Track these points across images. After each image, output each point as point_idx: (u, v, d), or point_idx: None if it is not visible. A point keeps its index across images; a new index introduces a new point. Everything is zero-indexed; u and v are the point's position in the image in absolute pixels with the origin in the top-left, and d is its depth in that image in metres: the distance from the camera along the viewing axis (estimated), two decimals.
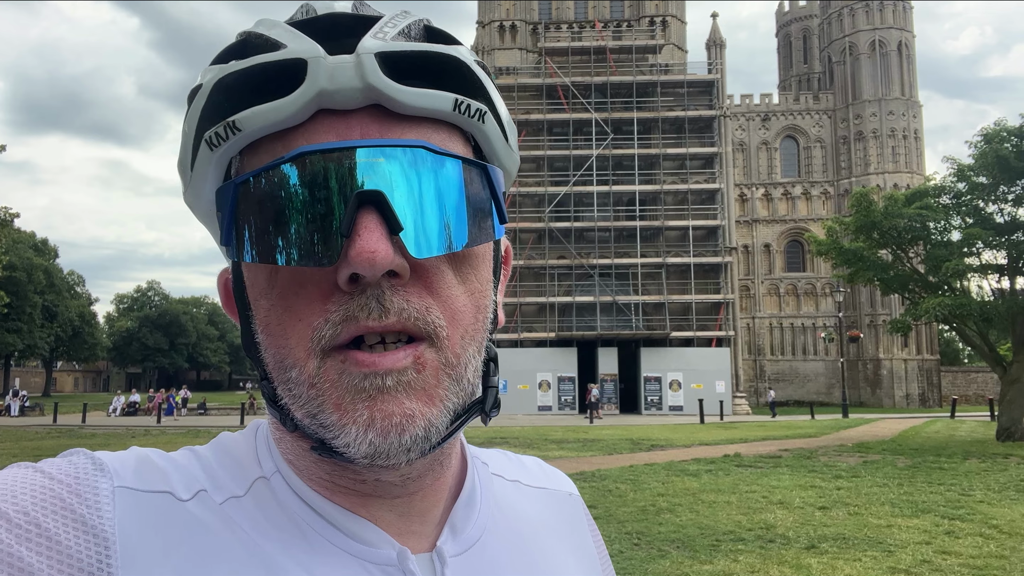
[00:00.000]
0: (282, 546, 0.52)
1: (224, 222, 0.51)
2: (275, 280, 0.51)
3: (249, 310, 0.54)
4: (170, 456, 0.57)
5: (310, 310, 0.50)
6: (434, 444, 0.51)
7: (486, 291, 0.56)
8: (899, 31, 62.19)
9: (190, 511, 0.52)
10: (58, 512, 0.48)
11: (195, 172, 0.53)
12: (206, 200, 0.55)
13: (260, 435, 0.60)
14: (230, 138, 0.50)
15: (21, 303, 60.23)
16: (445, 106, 0.51)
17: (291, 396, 0.51)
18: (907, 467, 14.78)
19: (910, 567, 7.07)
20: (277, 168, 0.48)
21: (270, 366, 0.53)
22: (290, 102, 0.49)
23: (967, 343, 24.40)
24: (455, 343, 0.52)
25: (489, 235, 0.53)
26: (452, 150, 0.52)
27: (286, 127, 0.50)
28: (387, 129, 0.50)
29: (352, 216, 0.47)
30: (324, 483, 0.55)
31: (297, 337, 0.50)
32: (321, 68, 0.48)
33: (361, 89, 0.49)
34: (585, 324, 46.89)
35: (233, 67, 0.51)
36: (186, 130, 0.54)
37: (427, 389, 0.50)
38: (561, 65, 50.74)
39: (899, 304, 42.66)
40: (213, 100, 0.51)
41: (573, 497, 0.74)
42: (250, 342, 0.54)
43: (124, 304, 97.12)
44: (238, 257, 0.51)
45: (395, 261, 0.48)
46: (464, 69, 0.53)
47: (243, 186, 0.49)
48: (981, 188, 21.77)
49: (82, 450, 0.54)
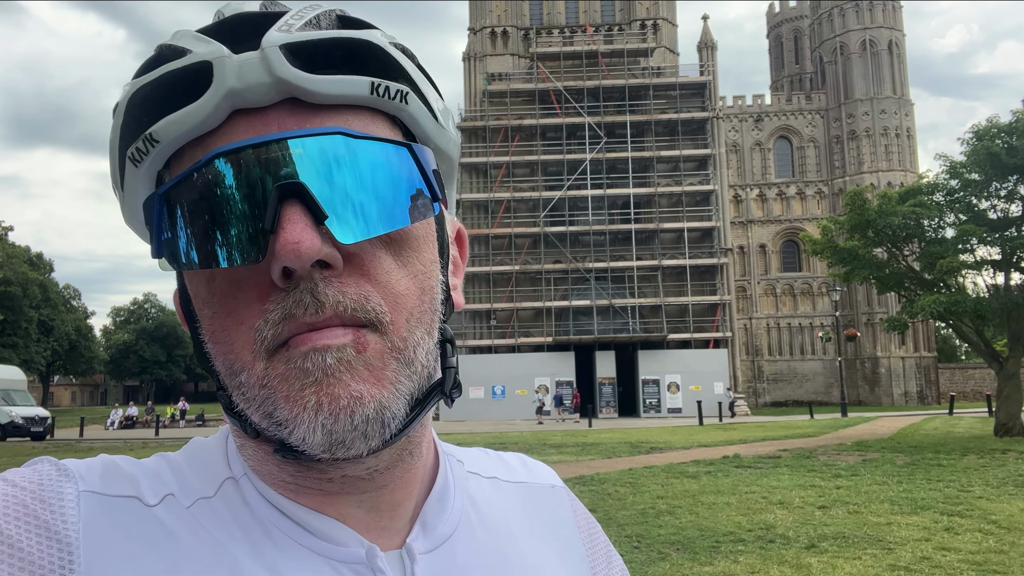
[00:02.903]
0: (249, 547, 0.52)
1: (153, 235, 0.50)
2: (214, 287, 0.51)
3: (196, 321, 0.54)
4: (140, 462, 0.57)
5: (250, 312, 0.49)
6: (395, 431, 0.51)
7: (431, 272, 0.55)
8: (889, 30, 62.51)
9: (156, 516, 0.51)
10: (20, 518, 0.48)
11: (126, 190, 0.53)
12: (140, 218, 0.54)
13: (232, 438, 0.60)
14: (150, 151, 0.50)
15: (17, 318, 59.96)
16: (362, 91, 0.51)
17: (245, 400, 0.51)
18: (906, 465, 14.78)
19: (910, 564, 7.06)
20: (196, 173, 0.48)
21: (222, 374, 0.52)
22: (200, 106, 0.48)
23: (964, 340, 24.44)
24: (400, 327, 0.51)
25: (423, 214, 0.52)
26: (376, 134, 0.51)
27: (204, 131, 0.49)
28: (305, 120, 0.50)
29: (275, 210, 0.46)
30: (289, 486, 0.55)
31: (242, 341, 0.50)
32: (227, 67, 0.48)
33: (271, 84, 0.48)
34: (582, 328, 46.91)
35: (143, 80, 0.50)
36: (111, 148, 0.53)
37: (372, 370, 0.49)
38: (553, 70, 50.88)
39: (895, 302, 42.73)
40: (130, 115, 0.51)
41: (556, 489, 0.72)
42: (201, 353, 0.54)
43: (120, 317, 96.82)
44: (174, 268, 0.51)
45: (323, 250, 0.47)
46: (379, 52, 0.52)
47: (165, 196, 0.49)
48: (974, 185, 21.82)
49: (48, 458, 0.54)
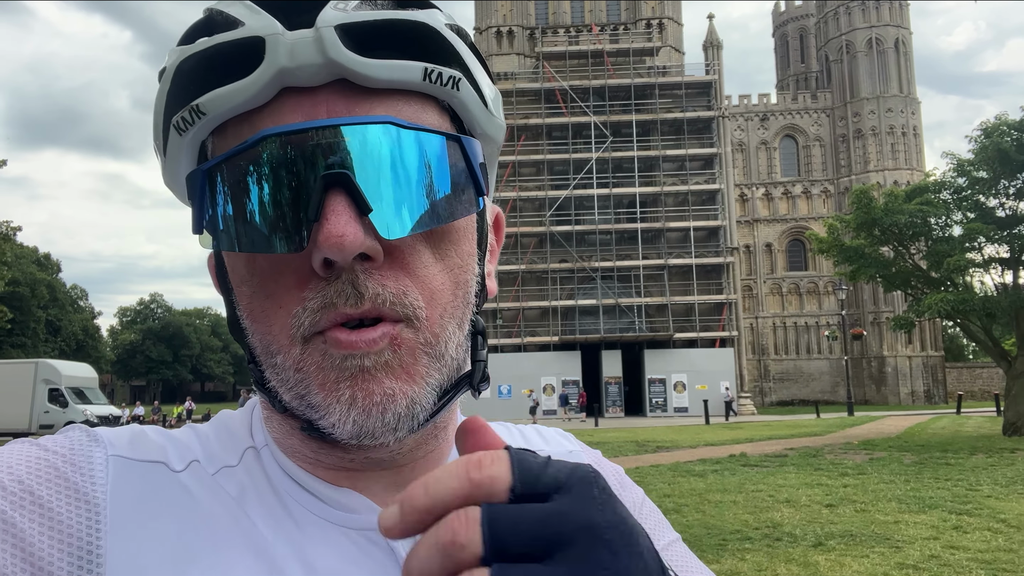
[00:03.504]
0: (265, 514, 0.53)
1: (194, 210, 0.50)
2: (254, 268, 0.51)
3: (232, 294, 0.54)
4: (169, 432, 0.58)
5: (289, 297, 0.49)
6: (422, 421, 0.51)
7: (467, 265, 0.55)
8: (896, 28, 62.25)
9: (181, 481, 0.53)
10: (52, 481, 0.49)
11: (168, 156, 0.53)
12: (181, 183, 0.54)
13: (257, 411, 0.61)
14: (196, 122, 0.49)
15: (25, 318, 60.33)
16: (414, 76, 0.50)
17: (279, 380, 0.51)
18: (914, 463, 14.72)
19: (918, 562, 7.04)
20: (241, 154, 0.47)
21: (257, 351, 0.53)
22: (250, 83, 0.47)
23: (971, 339, 24.33)
24: (434, 323, 0.51)
25: (467, 209, 0.51)
26: (425, 122, 0.51)
27: (251, 108, 0.49)
28: (354, 104, 0.49)
29: (319, 199, 0.46)
30: (309, 460, 0.56)
31: (280, 325, 0.50)
32: (279, 45, 0.47)
33: (323, 65, 0.47)
34: (588, 327, 46.86)
35: (192, 49, 0.49)
36: (156, 112, 0.53)
37: (405, 367, 0.50)
38: (559, 69, 50.85)
39: (902, 301, 42.58)
40: (177, 83, 0.50)
41: (574, 453, 0.72)
42: (236, 326, 0.54)
43: (127, 317, 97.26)
44: (214, 246, 0.51)
45: (365, 244, 0.46)
46: (434, 35, 0.51)
47: (209, 173, 0.49)
48: (982, 183, 21.72)
49: (80, 425, 0.55)
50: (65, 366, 31.77)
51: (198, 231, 0.50)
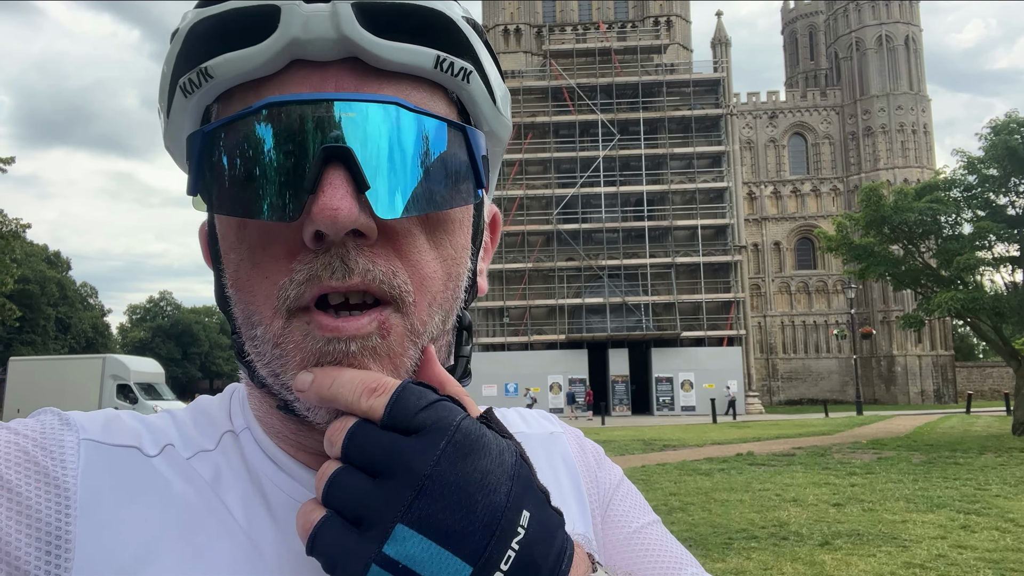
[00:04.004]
0: (240, 498, 0.53)
1: (191, 171, 0.50)
2: (243, 235, 0.50)
3: (221, 262, 0.53)
4: (144, 417, 0.57)
5: (276, 268, 0.49)
6: None
7: (461, 258, 0.54)
8: (906, 25, 61.88)
9: (155, 466, 0.52)
10: (21, 464, 0.48)
11: (171, 118, 0.52)
12: (182, 146, 0.53)
13: (236, 396, 0.61)
14: (203, 85, 0.49)
15: (35, 315, 60.74)
16: (426, 63, 0.50)
17: (256, 353, 0.51)
18: (922, 463, 14.64)
19: (925, 562, 6.99)
20: (244, 119, 0.47)
21: (239, 321, 0.52)
22: (261, 50, 0.47)
23: (981, 338, 24.19)
24: (422, 310, 0.50)
25: (464, 199, 0.51)
26: (432, 109, 0.50)
27: (259, 76, 0.49)
28: (364, 84, 0.49)
29: (318, 171, 0.45)
30: (290, 441, 0.55)
31: (264, 295, 0.49)
32: (294, 16, 0.47)
33: (336, 40, 0.47)
34: (595, 326, 46.82)
35: (207, 12, 0.49)
36: (164, 73, 0.53)
37: (392, 356, 0.49)
38: (566, 67, 50.78)
39: (912, 300, 42.34)
40: (188, 45, 0.50)
41: (555, 435, 0.71)
42: (221, 295, 0.54)
43: (137, 315, 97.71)
44: (207, 208, 0.51)
45: (359, 220, 0.46)
46: (449, 25, 0.51)
47: (210, 135, 0.48)
48: (992, 180, 21.57)
49: (52, 408, 0.55)
50: (133, 361, 31.49)
51: (193, 193, 0.50)
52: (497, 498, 0.41)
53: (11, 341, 60.56)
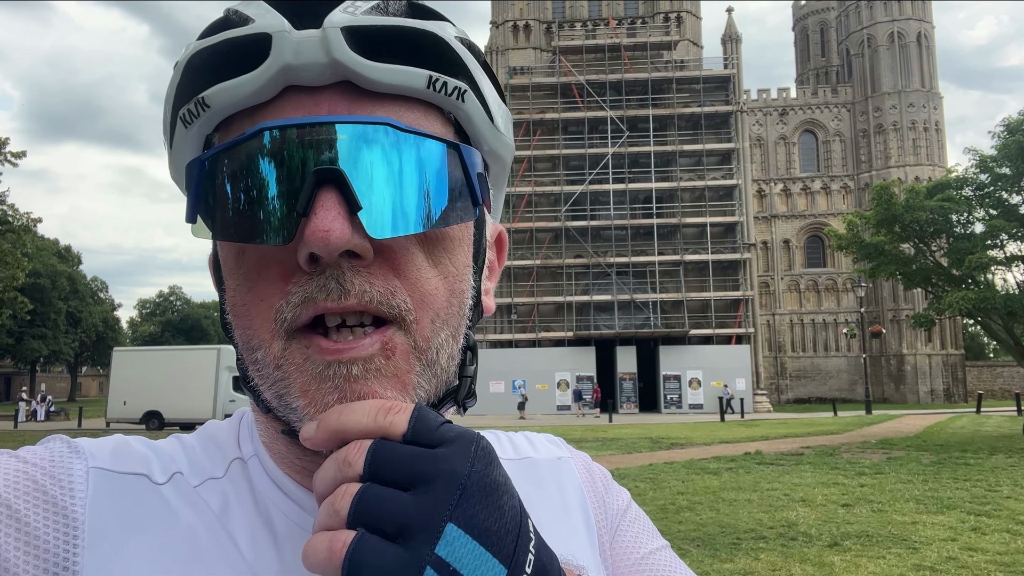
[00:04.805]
0: (247, 527, 0.53)
1: (189, 198, 0.50)
2: (242, 259, 0.51)
3: (223, 289, 0.54)
4: (153, 443, 0.57)
5: (272, 291, 0.49)
6: None
7: (463, 275, 0.54)
8: (918, 22, 61.42)
9: (163, 494, 0.52)
10: (30, 494, 0.49)
11: (174, 149, 0.53)
12: (184, 176, 0.54)
13: (245, 421, 0.61)
14: (201, 115, 0.50)
15: (46, 309, 61.14)
16: (418, 83, 0.50)
17: (259, 376, 0.51)
18: (932, 463, 14.55)
19: (935, 564, 6.94)
20: (238, 145, 0.47)
21: (240, 346, 0.52)
22: (254, 77, 0.48)
23: (992, 337, 24.02)
24: (424, 327, 0.50)
25: (460, 217, 0.51)
26: (427, 129, 0.51)
27: (255, 103, 0.50)
28: (356, 106, 0.49)
29: (310, 194, 0.46)
30: (296, 468, 0.55)
31: (261, 318, 0.50)
32: (285, 43, 0.48)
33: (327, 64, 0.48)
34: (603, 323, 46.78)
35: (204, 43, 0.50)
36: (165, 105, 0.54)
37: (399, 375, 0.49)
38: (575, 64, 50.66)
39: (922, 298, 42.09)
40: (187, 76, 0.51)
41: (563, 460, 0.71)
42: (224, 322, 0.54)
43: (147, 309, 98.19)
44: (210, 235, 0.51)
45: (352, 241, 0.46)
46: (442, 46, 0.51)
47: (208, 163, 0.49)
48: (1004, 179, 21.42)
49: (60, 436, 0.55)
50: None
51: (191, 220, 0.51)
52: (516, 502, 0.42)
53: (22, 335, 61.00)
